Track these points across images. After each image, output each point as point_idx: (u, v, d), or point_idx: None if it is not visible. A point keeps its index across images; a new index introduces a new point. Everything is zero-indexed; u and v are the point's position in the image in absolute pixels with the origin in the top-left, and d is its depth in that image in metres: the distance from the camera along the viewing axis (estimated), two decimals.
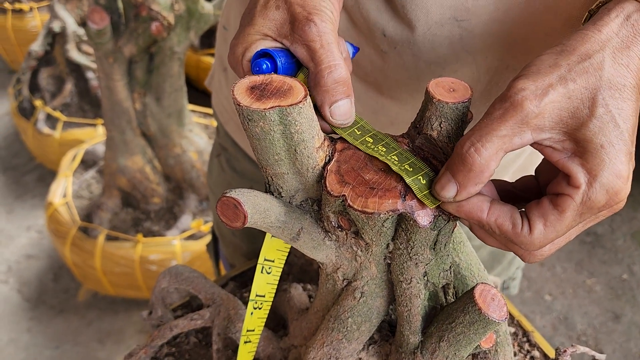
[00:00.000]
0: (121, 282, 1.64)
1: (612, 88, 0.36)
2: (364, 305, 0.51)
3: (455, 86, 0.43)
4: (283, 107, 0.39)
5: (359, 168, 0.44)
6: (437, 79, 0.43)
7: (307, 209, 0.47)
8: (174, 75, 1.46)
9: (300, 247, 0.48)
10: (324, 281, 0.54)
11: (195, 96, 2.63)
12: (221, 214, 0.41)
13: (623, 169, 0.36)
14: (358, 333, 0.53)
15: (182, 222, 1.64)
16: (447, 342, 0.47)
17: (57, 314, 1.75)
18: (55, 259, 1.92)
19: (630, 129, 0.37)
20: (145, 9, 1.26)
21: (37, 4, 2.65)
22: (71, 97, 2.14)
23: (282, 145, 0.41)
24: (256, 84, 0.40)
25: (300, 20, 0.42)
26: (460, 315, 0.45)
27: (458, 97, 0.42)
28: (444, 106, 0.42)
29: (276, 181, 0.45)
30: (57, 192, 1.70)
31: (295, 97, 0.40)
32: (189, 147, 1.62)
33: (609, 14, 0.38)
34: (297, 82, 0.41)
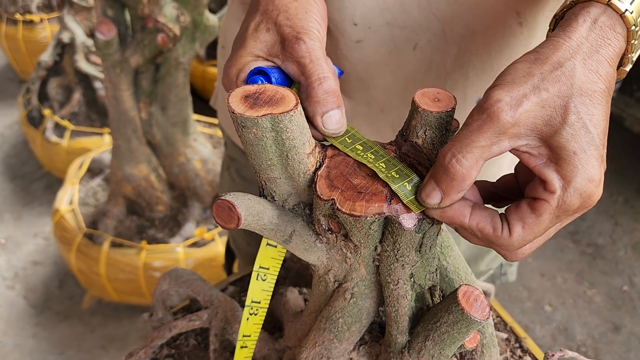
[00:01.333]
0: (125, 289, 1.67)
1: (583, 95, 0.38)
2: (354, 306, 0.53)
3: (440, 96, 0.45)
4: (275, 115, 0.41)
5: (348, 173, 0.46)
6: (423, 90, 0.46)
7: (299, 212, 0.50)
8: (179, 85, 1.49)
9: (292, 249, 0.50)
10: (316, 283, 0.56)
11: (201, 106, 2.66)
12: (216, 216, 0.44)
13: (595, 173, 0.38)
14: (349, 333, 0.55)
15: (185, 230, 1.66)
16: (432, 341, 0.49)
17: (61, 320, 1.77)
18: (61, 265, 1.95)
19: (601, 133, 0.39)
20: (152, 20, 1.29)
21: (47, 15, 2.70)
22: (79, 107, 2.18)
23: (274, 151, 0.44)
24: (250, 93, 0.43)
25: (290, 39, 0.45)
26: (445, 315, 0.47)
27: (442, 106, 0.44)
28: (429, 115, 0.44)
29: (269, 185, 0.47)
30: (64, 200, 1.73)
31: (286, 105, 0.42)
32: (194, 156, 1.64)
33: (576, 19, 0.40)
34: (289, 92, 0.43)
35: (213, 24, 1.41)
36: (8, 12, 2.70)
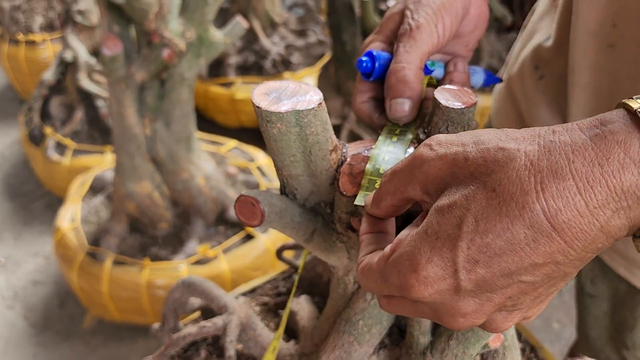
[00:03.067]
0: (127, 307, 1.64)
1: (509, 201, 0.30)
2: (375, 307, 0.52)
3: (461, 93, 0.45)
4: (300, 110, 0.41)
5: None
6: (443, 87, 0.46)
7: (320, 211, 0.49)
8: (183, 101, 1.48)
9: (313, 248, 0.49)
10: (335, 286, 0.55)
11: (204, 125, 2.66)
12: (239, 213, 0.43)
13: (423, 266, 0.32)
14: (369, 335, 0.54)
15: (188, 247, 1.64)
16: (456, 341, 0.48)
17: (62, 339, 1.74)
18: (62, 285, 1.92)
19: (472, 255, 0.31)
20: (158, 36, 1.29)
21: (49, 35, 2.72)
22: (81, 125, 2.18)
23: (297, 146, 0.44)
24: (273, 89, 0.43)
25: (404, 31, 0.50)
26: None
27: (464, 102, 0.44)
28: (450, 111, 0.44)
29: (291, 183, 0.47)
30: (66, 218, 1.72)
31: (311, 101, 0.42)
32: (197, 172, 1.63)
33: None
34: (312, 88, 0.43)
35: (218, 40, 1.42)
36: (10, 32, 2.71)
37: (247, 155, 2.01)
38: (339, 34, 1.83)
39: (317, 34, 2.78)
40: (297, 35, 2.82)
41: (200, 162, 1.64)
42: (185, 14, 1.33)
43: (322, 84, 2.06)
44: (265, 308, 0.79)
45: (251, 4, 2.63)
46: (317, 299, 0.72)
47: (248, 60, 2.63)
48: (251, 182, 1.87)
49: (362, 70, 0.50)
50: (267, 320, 0.76)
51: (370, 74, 0.50)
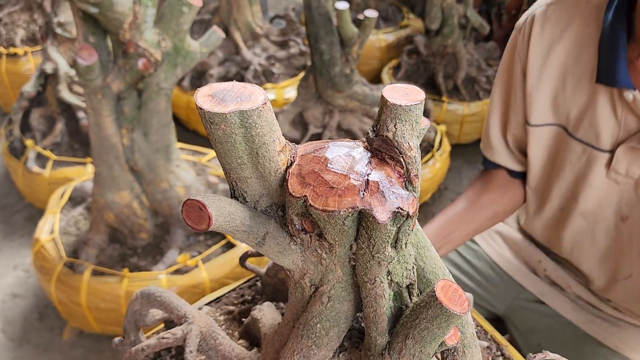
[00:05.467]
0: (107, 319, 1.63)
1: None
2: (332, 309, 0.52)
3: (409, 91, 0.46)
4: (244, 110, 0.42)
5: (320, 170, 0.46)
6: (392, 85, 0.46)
7: (272, 214, 0.49)
8: (161, 111, 1.49)
9: (266, 252, 0.49)
10: (293, 290, 0.55)
11: (185, 136, 2.67)
12: (186, 217, 0.43)
13: None
14: (327, 339, 0.54)
15: (168, 257, 1.64)
16: (412, 340, 0.48)
17: (41, 353, 1.73)
18: (41, 297, 1.91)
19: None
20: (133, 45, 1.30)
21: (31, 48, 2.72)
22: (62, 137, 2.17)
23: (244, 148, 0.44)
24: (218, 90, 0.43)
25: None
26: (424, 311, 0.46)
27: (410, 100, 0.45)
28: (397, 108, 0.45)
29: (240, 185, 0.47)
30: (44, 229, 1.70)
31: (255, 102, 0.42)
32: (176, 182, 1.63)
33: None
34: (257, 88, 0.44)
35: (194, 50, 1.43)
36: None
37: None
38: (317, 44, 1.84)
39: (299, 45, 2.80)
40: (278, 46, 2.84)
41: (180, 171, 1.64)
42: (160, 23, 1.34)
43: (302, 93, 2.07)
44: (230, 317, 0.79)
45: (232, 15, 2.65)
46: (282, 305, 0.72)
47: (230, 72, 2.64)
48: None
49: None
50: (231, 330, 0.75)
51: None
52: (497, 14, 3.03)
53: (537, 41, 0.95)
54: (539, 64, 0.96)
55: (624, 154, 0.90)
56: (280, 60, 2.75)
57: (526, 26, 0.97)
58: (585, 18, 0.90)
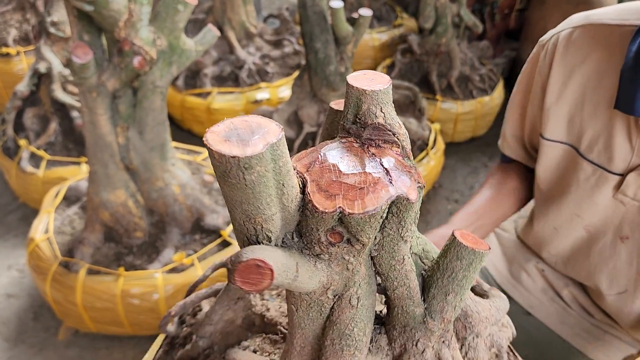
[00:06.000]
0: (102, 318, 1.63)
1: None
2: (363, 308, 0.52)
3: (372, 76, 0.46)
4: (273, 143, 0.38)
5: (338, 177, 0.44)
6: (352, 75, 0.47)
7: (289, 243, 0.46)
8: (156, 109, 1.49)
9: (298, 284, 0.46)
10: (304, 314, 0.52)
11: (180, 135, 2.67)
12: (243, 283, 0.38)
13: None
14: (366, 339, 0.53)
15: (164, 256, 1.64)
16: (453, 294, 0.51)
17: (36, 352, 1.72)
18: (36, 297, 1.90)
19: None
20: (128, 43, 1.30)
21: (24, 48, 2.71)
22: (55, 136, 2.16)
23: (273, 183, 0.40)
24: (226, 133, 0.38)
25: None
26: (457, 263, 0.50)
27: (382, 82, 0.45)
28: (378, 94, 0.45)
29: (266, 227, 0.43)
30: (39, 228, 1.70)
31: (274, 131, 0.39)
32: (172, 180, 1.63)
33: None
34: (260, 118, 0.40)
35: (189, 48, 1.43)
36: None
37: None
38: (312, 42, 1.85)
39: (293, 44, 2.81)
40: (272, 45, 2.84)
41: (175, 170, 1.64)
42: (156, 22, 1.34)
43: (297, 92, 2.07)
44: None
45: (226, 15, 2.65)
46: (245, 344, 0.70)
47: (224, 71, 2.64)
48: None
49: None
50: None
51: None
52: (490, 14, 3.04)
53: (560, 62, 0.97)
54: (559, 83, 0.98)
55: (634, 178, 0.92)
56: (274, 60, 2.75)
57: (549, 45, 1.00)
58: (609, 47, 0.92)
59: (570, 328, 1.12)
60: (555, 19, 1.08)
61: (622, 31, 0.90)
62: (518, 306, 1.20)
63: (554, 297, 1.17)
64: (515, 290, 1.22)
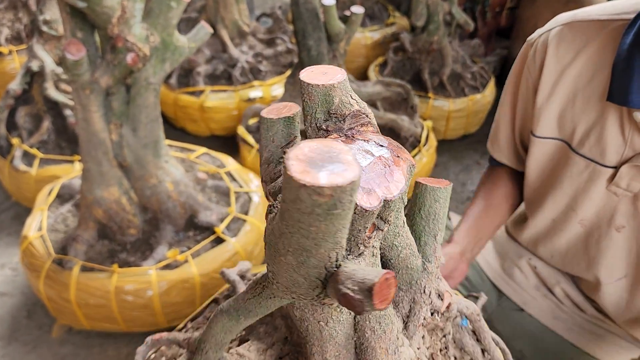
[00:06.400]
0: (96, 315, 1.63)
1: None
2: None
3: (322, 70, 0.46)
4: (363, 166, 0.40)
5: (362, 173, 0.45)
6: (305, 76, 0.45)
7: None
8: (149, 106, 1.49)
9: None
10: (335, 323, 0.51)
11: (175, 134, 2.67)
12: (381, 303, 0.36)
13: None
14: (394, 311, 0.57)
15: (158, 253, 1.64)
16: (440, 233, 0.56)
17: (30, 350, 1.72)
18: (29, 295, 1.90)
19: None
20: (121, 40, 1.30)
21: (16, 47, 2.70)
22: (48, 135, 2.16)
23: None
24: (312, 161, 0.33)
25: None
26: (436, 205, 0.56)
27: (337, 74, 0.46)
28: (345, 83, 0.46)
29: (340, 252, 0.41)
30: (32, 226, 1.70)
31: (346, 149, 0.34)
32: (165, 177, 1.64)
33: None
34: (330, 141, 0.35)
35: (183, 45, 1.43)
36: None
37: (217, 161, 2.02)
38: (305, 40, 1.86)
39: (286, 43, 2.82)
40: (265, 44, 2.85)
41: (169, 167, 1.65)
42: (149, 18, 1.34)
43: (289, 89, 2.08)
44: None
45: (219, 13, 2.66)
46: (247, 344, 0.67)
47: (217, 69, 2.64)
48: (221, 187, 1.88)
49: None
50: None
51: None
52: (481, 12, 3.06)
53: (552, 60, 0.99)
54: (551, 81, 1.00)
55: (627, 170, 0.93)
56: (267, 58, 2.76)
57: (539, 44, 1.01)
58: (601, 42, 0.93)
59: (563, 323, 1.13)
60: (546, 17, 1.10)
61: (613, 25, 0.91)
62: (511, 302, 1.21)
63: (546, 294, 1.19)
64: (508, 286, 1.23)
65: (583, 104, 0.96)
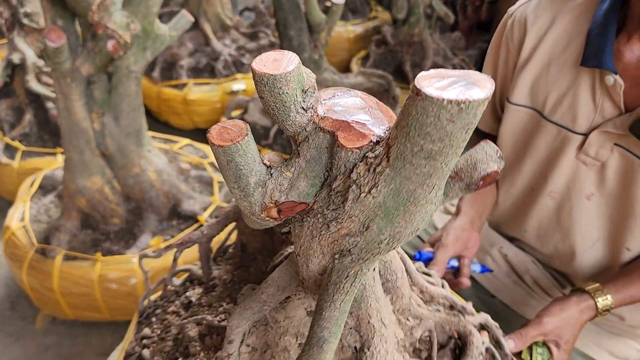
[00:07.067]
0: (80, 304, 1.63)
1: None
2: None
3: (272, 56, 0.44)
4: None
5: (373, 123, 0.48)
6: (254, 65, 0.44)
7: None
8: (131, 95, 1.50)
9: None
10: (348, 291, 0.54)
11: (157, 128, 2.67)
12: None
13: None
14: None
15: (141, 241, 1.65)
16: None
17: (13, 341, 1.72)
18: (13, 288, 1.90)
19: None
20: (102, 27, 1.31)
21: None
22: (30, 127, 2.16)
23: None
24: (443, 80, 0.38)
25: (440, 245, 1.08)
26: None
27: (286, 55, 0.44)
28: (300, 68, 0.45)
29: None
30: (15, 217, 1.70)
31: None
32: (148, 166, 1.64)
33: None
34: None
35: (164, 33, 1.44)
36: None
37: (200, 152, 2.03)
38: (286, 30, 1.88)
39: (269, 37, 2.83)
40: (248, 38, 2.86)
41: (151, 156, 1.66)
42: (129, 6, 1.35)
43: None
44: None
45: (202, 6, 2.67)
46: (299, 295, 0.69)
47: (200, 62, 2.65)
48: (204, 177, 1.89)
49: (416, 259, 1.05)
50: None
51: (419, 260, 1.04)
52: (462, 6, 3.10)
53: (531, 29, 1.02)
54: (529, 49, 1.03)
55: (596, 137, 0.96)
56: (250, 52, 2.77)
57: (518, 14, 1.05)
58: (577, 11, 0.97)
59: (533, 310, 1.16)
60: None
61: None
62: (484, 289, 1.24)
63: (517, 281, 1.22)
64: (481, 275, 1.26)
65: (557, 71, 0.99)
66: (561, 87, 0.99)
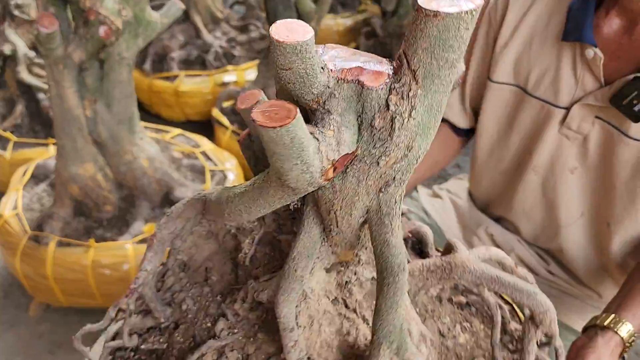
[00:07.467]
0: (74, 290, 1.65)
1: None
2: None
3: (285, 27, 0.44)
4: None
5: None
6: (273, 34, 0.43)
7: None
8: (123, 82, 1.51)
9: None
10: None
11: (149, 120, 2.67)
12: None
13: None
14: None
15: (134, 228, 1.66)
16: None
17: (7, 329, 1.73)
18: (6, 277, 1.91)
19: None
20: (94, 13, 1.33)
21: None
22: (22, 118, 2.16)
23: None
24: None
25: None
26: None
27: (299, 24, 0.44)
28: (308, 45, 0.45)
29: None
30: (8, 205, 1.71)
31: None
32: (140, 154, 1.66)
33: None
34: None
35: (155, 20, 1.46)
36: None
37: (192, 141, 2.05)
38: (276, 19, 1.89)
39: (260, 29, 2.85)
40: (239, 30, 2.88)
41: (143, 144, 1.67)
42: None
43: (263, 71, 2.12)
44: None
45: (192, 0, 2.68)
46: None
47: (191, 55, 2.67)
48: (196, 166, 1.91)
49: None
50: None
51: None
52: None
53: (513, 7, 1.05)
54: (512, 27, 1.06)
55: (578, 111, 0.99)
56: (241, 44, 2.79)
57: None
58: None
59: None
60: None
61: None
62: None
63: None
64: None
65: (539, 47, 1.02)
66: (543, 62, 1.02)
